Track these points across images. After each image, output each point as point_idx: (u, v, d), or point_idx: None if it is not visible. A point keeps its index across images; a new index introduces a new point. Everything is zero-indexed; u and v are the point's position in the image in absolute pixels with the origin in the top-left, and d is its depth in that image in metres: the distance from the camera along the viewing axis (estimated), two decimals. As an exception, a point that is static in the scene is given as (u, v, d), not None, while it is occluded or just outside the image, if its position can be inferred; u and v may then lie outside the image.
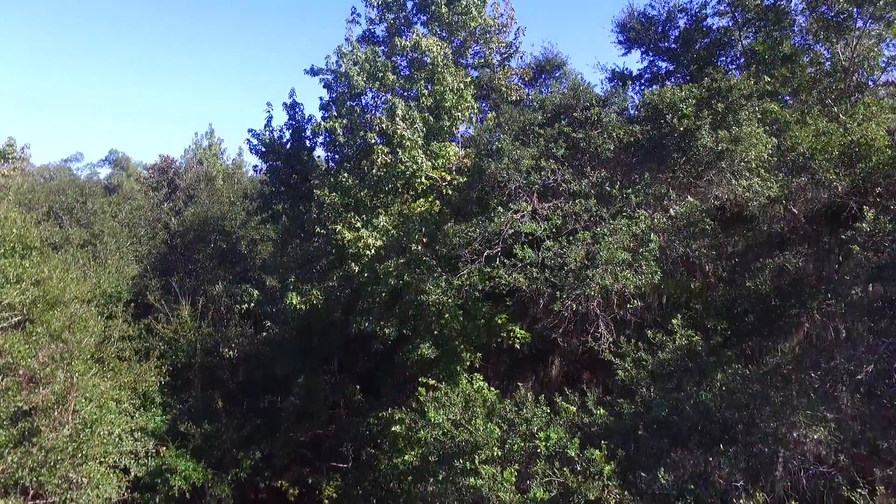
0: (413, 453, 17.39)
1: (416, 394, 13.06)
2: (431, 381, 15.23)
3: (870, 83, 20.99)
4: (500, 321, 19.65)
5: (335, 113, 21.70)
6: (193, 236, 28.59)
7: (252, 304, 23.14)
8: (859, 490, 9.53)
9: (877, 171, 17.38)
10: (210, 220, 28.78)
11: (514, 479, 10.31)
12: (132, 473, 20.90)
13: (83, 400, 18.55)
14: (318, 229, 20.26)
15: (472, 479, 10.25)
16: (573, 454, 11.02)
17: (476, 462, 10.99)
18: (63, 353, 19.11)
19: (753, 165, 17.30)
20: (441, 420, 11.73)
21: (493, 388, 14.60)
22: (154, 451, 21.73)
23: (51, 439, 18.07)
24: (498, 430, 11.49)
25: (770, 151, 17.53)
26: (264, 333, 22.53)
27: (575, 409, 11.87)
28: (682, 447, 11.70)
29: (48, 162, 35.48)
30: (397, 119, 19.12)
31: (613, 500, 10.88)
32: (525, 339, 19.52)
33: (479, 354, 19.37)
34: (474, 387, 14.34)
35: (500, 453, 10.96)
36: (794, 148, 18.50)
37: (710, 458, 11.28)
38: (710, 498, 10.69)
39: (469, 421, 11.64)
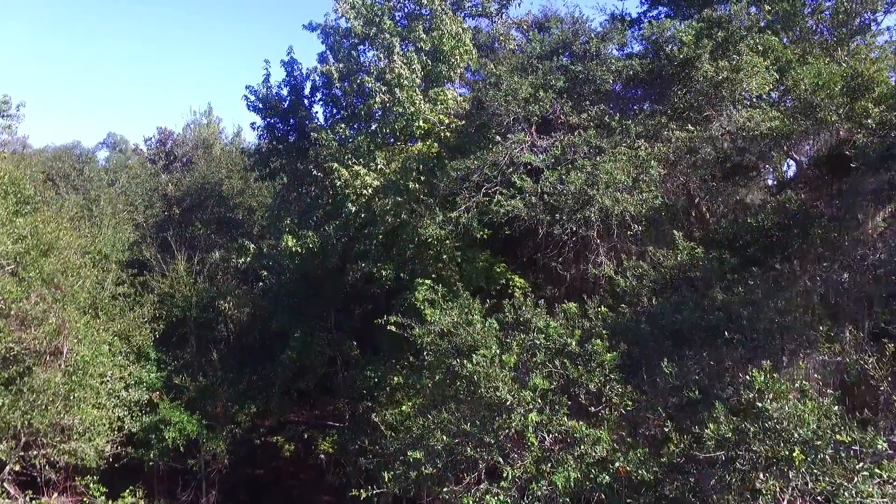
0: (410, 404, 17.09)
1: (412, 299, 12.74)
2: (427, 282, 14.99)
3: (873, 27, 20.83)
4: (498, 269, 19.40)
5: (332, 60, 21.55)
6: (191, 202, 28.39)
7: (248, 260, 22.90)
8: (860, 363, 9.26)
9: (880, 103, 17.16)
10: (208, 187, 28.59)
11: (512, 362, 10.00)
12: (126, 428, 20.58)
13: (75, 342, 18.26)
14: (314, 172, 20.03)
15: (468, 365, 9.95)
16: (573, 347, 10.73)
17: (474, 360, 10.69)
18: (56, 296, 18.86)
19: (754, 96, 17.12)
20: (438, 318, 11.44)
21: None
22: (147, 406, 21.40)
23: (42, 380, 17.78)
24: (497, 324, 11.21)
25: (771, 85, 17.34)
26: (261, 283, 22.22)
27: (575, 307, 11.58)
28: (685, 346, 11.41)
29: (45, 144, 35.25)
30: (394, 57, 18.95)
31: (615, 394, 10.59)
32: (524, 289, 19.25)
33: (478, 298, 19.09)
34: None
35: (498, 351, 10.66)
36: (796, 86, 18.31)
37: (715, 352, 11.00)
38: (715, 389, 10.39)
39: (467, 322, 11.35)
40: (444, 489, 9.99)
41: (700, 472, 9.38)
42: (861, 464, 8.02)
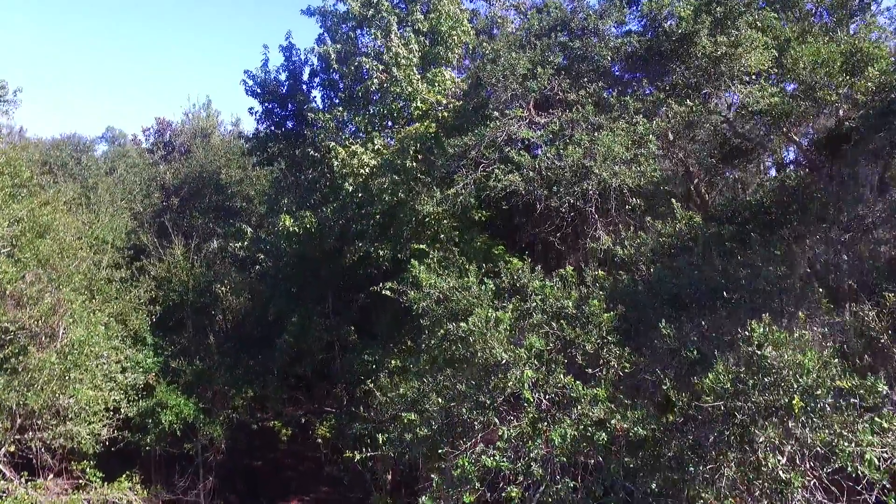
0: (408, 386, 16.92)
1: (409, 268, 12.62)
2: (423, 246, 14.88)
3: (873, 7, 20.71)
4: (496, 251, 19.30)
5: (330, 43, 21.49)
6: (188, 191, 28.30)
7: (245, 244, 22.82)
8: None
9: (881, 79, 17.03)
10: (205, 175, 28.50)
11: (507, 320, 9.88)
12: (122, 412, 20.45)
13: (70, 321, 18.15)
14: (312, 153, 19.94)
15: (463, 325, 9.83)
16: (570, 309, 10.62)
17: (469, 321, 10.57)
18: (51, 276, 18.77)
19: (753, 73, 17.01)
20: (433, 281, 11.32)
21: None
22: (144, 391, 21.27)
23: (38, 360, 17.66)
24: (493, 285, 11.10)
25: (770, 63, 17.23)
26: (257, 267, 22.11)
27: (572, 271, 11.46)
28: (683, 311, 11.30)
29: (43, 136, 35.03)
30: (392, 37, 18.88)
31: (613, 356, 10.47)
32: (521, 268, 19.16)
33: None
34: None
35: (494, 313, 10.54)
36: (795, 64, 18.20)
37: (714, 316, 10.87)
38: (713, 349, 10.25)
39: (463, 287, 11.23)
40: (440, 451, 9.85)
41: (698, 430, 9.26)
42: (861, 416, 7.91)
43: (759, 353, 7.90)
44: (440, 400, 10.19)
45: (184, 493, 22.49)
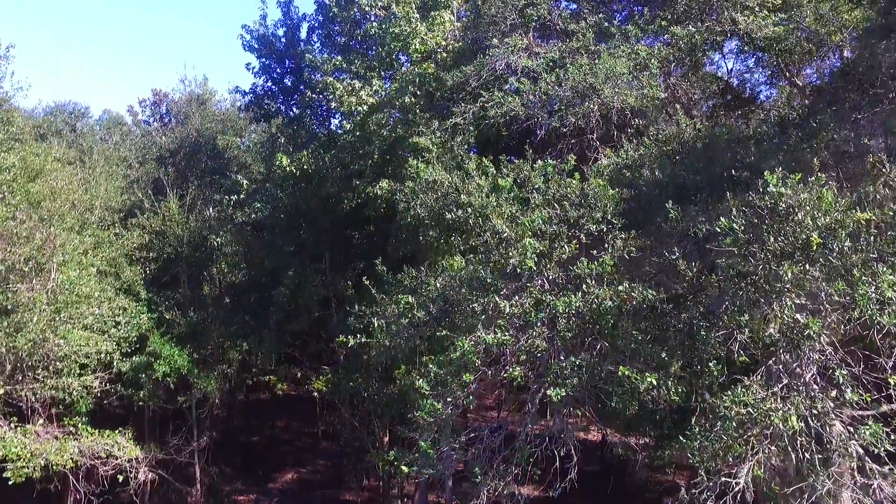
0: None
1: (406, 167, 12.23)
2: (421, 140, 14.49)
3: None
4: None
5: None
6: (184, 155, 27.91)
7: (242, 196, 22.45)
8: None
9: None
10: (202, 140, 28.15)
11: (508, 185, 9.50)
12: (115, 366, 20.00)
13: (61, 259, 17.74)
14: (309, 94, 19.61)
15: (463, 197, 9.45)
16: (573, 194, 10.25)
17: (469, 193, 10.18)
18: (42, 215, 18.39)
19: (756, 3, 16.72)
20: (432, 173, 10.94)
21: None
22: (137, 344, 20.81)
23: (27, 298, 17.24)
24: (492, 177, 10.73)
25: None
26: (253, 216, 21.72)
27: (574, 159, 11.09)
28: (689, 202, 10.93)
29: (36, 105, 34.21)
30: (390, -28, 18.61)
31: (620, 241, 10.08)
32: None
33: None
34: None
35: (495, 181, 10.15)
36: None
37: (722, 205, 10.49)
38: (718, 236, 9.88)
39: (461, 178, 10.86)
40: (439, 335, 9.45)
41: (710, 301, 8.89)
42: (880, 259, 7.53)
43: (774, 190, 7.51)
44: (438, 283, 9.79)
45: (177, 451, 21.98)
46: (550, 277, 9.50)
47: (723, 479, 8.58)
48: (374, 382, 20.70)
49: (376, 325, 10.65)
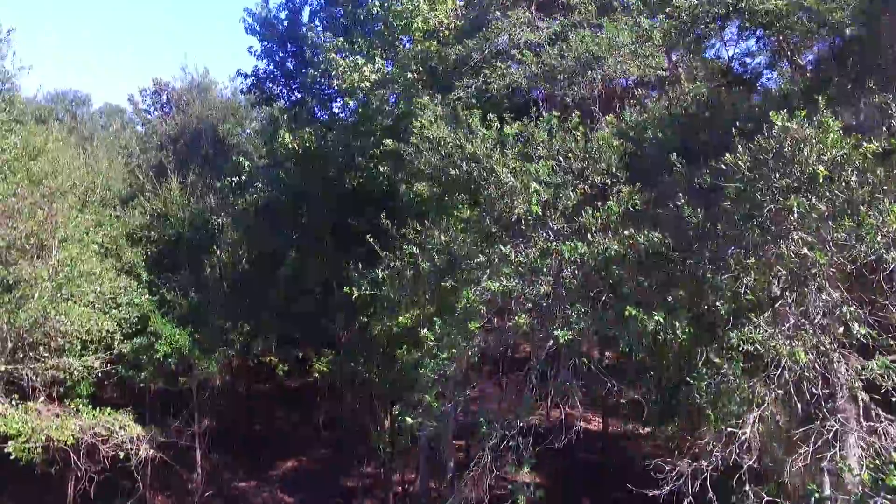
0: (407, 315, 16.43)
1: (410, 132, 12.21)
2: (425, 99, 14.49)
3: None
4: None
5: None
6: (185, 142, 27.91)
7: (243, 178, 22.44)
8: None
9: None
10: (202, 127, 28.16)
11: (513, 132, 9.49)
12: (116, 347, 19.92)
13: (63, 235, 17.73)
14: (312, 73, 19.62)
15: (467, 147, 9.44)
16: (577, 145, 10.24)
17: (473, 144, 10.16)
18: (43, 192, 18.37)
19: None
20: (437, 131, 10.92)
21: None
22: (138, 324, 20.77)
23: (29, 274, 17.21)
24: (495, 133, 10.72)
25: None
26: (255, 196, 21.70)
27: (578, 117, 11.09)
28: (694, 162, 10.92)
29: (37, 91, 33.99)
30: (392, -51, 18.64)
31: (626, 192, 10.06)
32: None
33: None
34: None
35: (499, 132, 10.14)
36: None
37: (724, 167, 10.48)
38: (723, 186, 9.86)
39: (466, 137, 10.84)
40: (444, 285, 9.43)
41: (716, 245, 8.88)
42: (888, 194, 7.52)
43: (780, 125, 7.50)
44: (442, 237, 9.78)
45: (178, 433, 21.91)
46: (555, 228, 9.48)
47: (728, 429, 8.57)
48: (376, 363, 20.70)
49: (380, 275, 10.62)
